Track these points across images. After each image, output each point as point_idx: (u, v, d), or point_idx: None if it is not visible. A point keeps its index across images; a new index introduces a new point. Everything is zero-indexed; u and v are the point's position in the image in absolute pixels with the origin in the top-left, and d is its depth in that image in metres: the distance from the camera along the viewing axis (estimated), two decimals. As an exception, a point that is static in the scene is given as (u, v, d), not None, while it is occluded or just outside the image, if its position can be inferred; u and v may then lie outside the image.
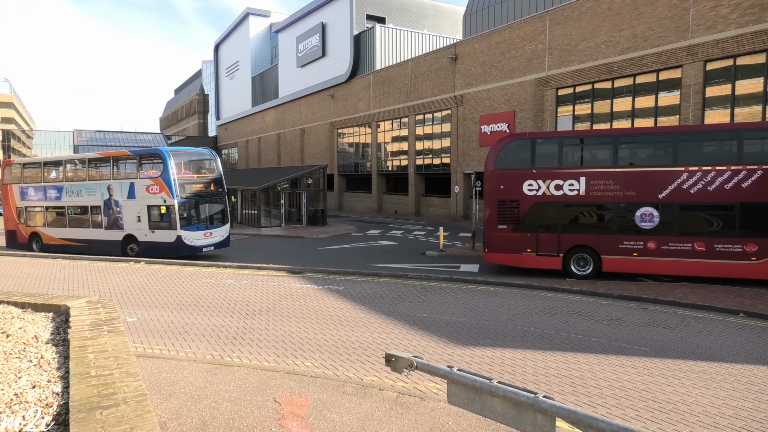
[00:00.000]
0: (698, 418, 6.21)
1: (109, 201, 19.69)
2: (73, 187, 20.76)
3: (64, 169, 21.54)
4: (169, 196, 18.26)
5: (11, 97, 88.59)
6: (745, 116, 19.90)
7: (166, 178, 18.31)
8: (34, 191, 21.92)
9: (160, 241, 18.71)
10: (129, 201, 19.21)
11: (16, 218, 22.44)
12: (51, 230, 21.49)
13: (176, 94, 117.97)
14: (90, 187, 20.29)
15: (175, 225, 18.32)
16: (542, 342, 9.14)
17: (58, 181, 21.50)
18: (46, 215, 21.67)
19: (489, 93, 30.67)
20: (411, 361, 4.20)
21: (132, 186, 19.11)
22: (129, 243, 19.49)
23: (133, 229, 19.26)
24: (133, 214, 19.16)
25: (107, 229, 19.91)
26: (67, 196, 20.84)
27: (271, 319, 10.62)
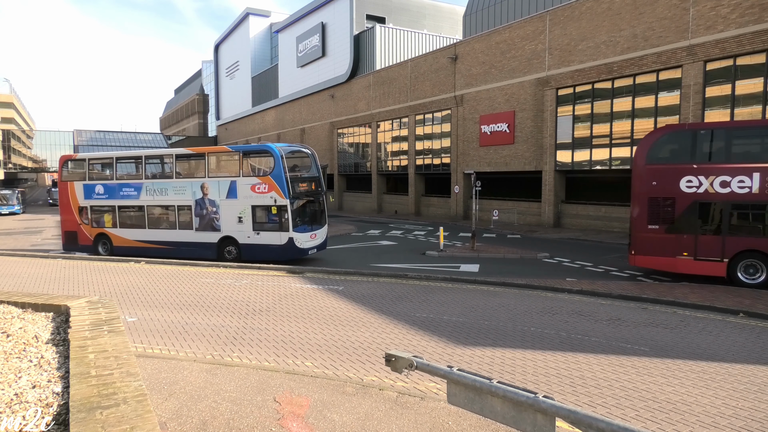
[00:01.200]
0: (698, 418, 6.21)
1: (203, 200, 18.21)
2: (155, 185, 19.10)
3: (144, 166, 19.88)
4: (281, 196, 16.90)
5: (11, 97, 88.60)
6: (745, 116, 19.90)
7: (278, 176, 16.92)
8: (103, 189, 20.02)
9: (266, 244, 17.39)
10: (228, 201, 17.78)
11: (78, 218, 20.47)
12: (124, 232, 19.80)
13: (176, 94, 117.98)
14: (178, 185, 18.70)
15: (287, 226, 17.01)
16: (542, 342, 9.14)
17: (136, 178, 19.85)
18: (117, 215, 19.83)
19: (489, 93, 30.67)
20: (411, 361, 4.21)
21: (233, 184, 17.65)
22: (226, 245, 18.15)
23: (233, 230, 17.88)
24: (232, 214, 17.77)
25: (199, 230, 18.44)
26: (148, 194, 19.17)
27: (271, 319, 10.62)
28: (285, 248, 17.20)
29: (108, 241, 20.11)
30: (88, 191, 20.27)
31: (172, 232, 18.95)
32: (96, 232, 20.30)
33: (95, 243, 20.32)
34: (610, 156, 24.52)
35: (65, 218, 20.93)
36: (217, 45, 78.14)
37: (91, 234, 20.37)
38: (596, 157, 25.23)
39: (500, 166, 30.26)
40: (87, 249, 20.45)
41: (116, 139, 63.80)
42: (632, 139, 23.51)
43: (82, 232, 20.55)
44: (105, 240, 20.20)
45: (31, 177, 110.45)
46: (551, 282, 14.16)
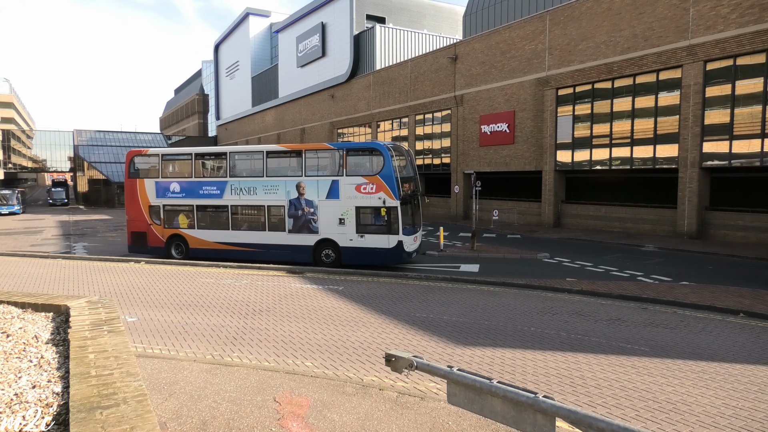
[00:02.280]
0: (698, 418, 6.21)
1: (298, 201, 17.09)
2: (242, 183, 17.86)
3: (229, 163, 18.39)
4: (391, 197, 15.93)
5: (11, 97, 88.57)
6: (745, 116, 19.90)
7: (388, 175, 15.95)
8: (179, 187, 18.68)
9: (371, 247, 16.36)
10: (329, 201, 16.70)
11: (148, 218, 19.06)
12: (203, 233, 18.52)
13: (176, 94, 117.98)
14: (269, 184, 17.48)
15: (396, 229, 16.01)
16: (542, 342, 9.14)
17: (219, 176, 18.62)
18: (195, 215, 18.53)
19: (489, 93, 30.67)
20: (411, 361, 4.21)
21: (334, 184, 16.59)
22: (324, 248, 17.03)
23: (332, 233, 16.80)
24: (333, 216, 16.71)
25: (293, 232, 17.29)
26: (233, 193, 17.95)
27: (271, 319, 10.62)
28: (392, 252, 16.25)
29: (183, 242, 18.83)
30: (162, 189, 18.92)
31: (260, 234, 17.79)
32: (169, 233, 18.94)
33: (168, 245, 18.98)
34: (610, 156, 24.52)
35: (132, 218, 19.42)
36: (217, 45, 78.14)
37: (163, 235, 19.02)
38: (596, 157, 25.23)
39: (500, 166, 30.26)
40: (157, 251, 19.12)
41: (116, 139, 63.68)
42: (632, 139, 23.52)
43: (153, 232, 19.13)
44: (179, 242, 18.89)
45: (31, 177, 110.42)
46: (551, 282, 14.16)
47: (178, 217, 18.86)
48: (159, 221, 19.01)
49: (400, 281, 14.83)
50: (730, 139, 20.31)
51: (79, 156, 60.26)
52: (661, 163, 22.72)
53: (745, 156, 20.04)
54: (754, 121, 19.64)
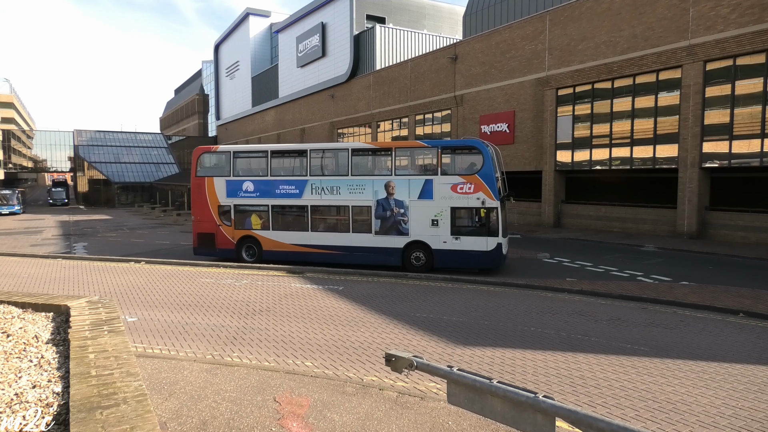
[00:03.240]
0: (698, 418, 6.21)
1: (386, 201, 16.22)
2: (324, 182, 16.91)
3: (310, 161, 17.35)
4: (491, 197, 15.19)
5: (11, 97, 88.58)
6: (745, 116, 19.91)
7: (488, 175, 15.22)
8: (252, 186, 17.72)
9: (467, 250, 15.53)
10: (421, 201, 15.89)
11: (217, 219, 18.04)
12: (278, 235, 17.56)
13: (176, 94, 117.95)
14: (355, 183, 16.58)
15: (495, 231, 15.29)
16: (542, 342, 9.14)
17: (298, 174, 17.50)
18: (270, 216, 17.57)
19: (489, 93, 30.67)
20: (411, 361, 4.21)
21: (428, 184, 15.81)
22: (414, 251, 16.14)
23: (424, 234, 15.92)
24: (425, 217, 15.86)
25: (380, 234, 16.38)
26: (314, 193, 17.01)
27: (271, 319, 10.62)
28: (491, 255, 15.44)
29: (255, 244, 17.89)
30: (233, 188, 17.88)
31: (343, 235, 16.85)
32: (240, 235, 17.95)
33: (238, 247, 18.02)
34: (610, 156, 24.53)
35: (199, 218, 18.35)
36: (217, 45, 78.13)
37: (233, 237, 18.01)
38: (596, 157, 25.23)
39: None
40: (226, 254, 18.10)
41: (116, 139, 63.70)
42: (632, 139, 23.53)
43: (222, 234, 18.09)
44: (251, 244, 17.94)
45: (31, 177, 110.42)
46: (551, 282, 14.17)
47: (250, 217, 17.93)
48: (229, 222, 18.02)
49: (400, 281, 14.83)
50: (730, 139, 20.32)
51: (79, 156, 60.28)
52: (661, 163, 22.73)
53: (745, 156, 20.05)
54: (754, 121, 19.64)
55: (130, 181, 57.88)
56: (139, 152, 63.05)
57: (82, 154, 59.20)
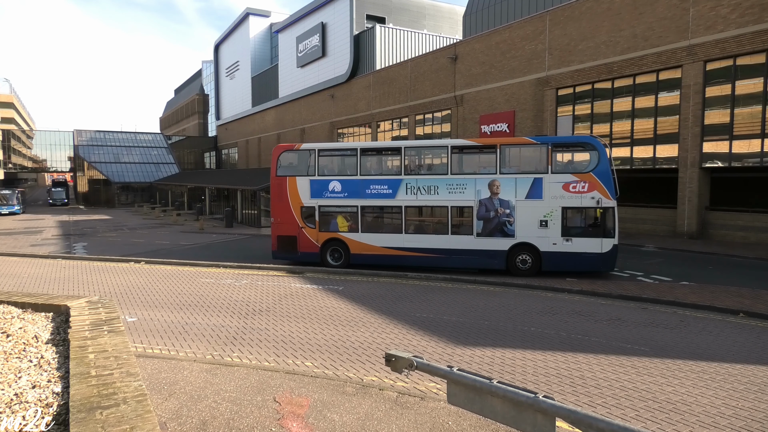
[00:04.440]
0: (698, 418, 6.21)
1: (490, 201, 15.43)
2: (421, 182, 16.05)
3: (404, 159, 16.46)
4: (607, 197, 14.54)
5: (11, 97, 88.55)
6: (745, 116, 19.91)
7: (604, 173, 14.58)
8: (340, 186, 16.79)
9: (580, 252, 14.82)
10: (528, 201, 15.12)
11: (300, 221, 17.09)
12: (368, 237, 16.62)
13: (176, 94, 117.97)
14: (455, 182, 15.74)
15: (612, 232, 14.62)
16: (542, 342, 9.14)
17: (391, 173, 16.64)
18: (360, 217, 16.66)
19: (489, 93, 30.67)
20: (411, 361, 4.21)
21: (537, 182, 15.05)
22: (519, 253, 15.38)
23: (531, 236, 15.17)
24: (533, 217, 15.11)
25: (482, 236, 15.57)
26: (409, 193, 16.13)
27: (271, 319, 10.62)
28: (606, 257, 14.75)
29: (342, 247, 16.92)
30: (318, 188, 16.93)
31: (441, 237, 16.00)
32: (326, 237, 17.00)
33: (323, 250, 17.04)
34: (610, 156, 24.49)
35: (279, 220, 17.35)
36: (217, 45, 78.13)
37: (317, 239, 17.04)
38: (596, 157, 25.21)
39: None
40: (309, 257, 17.18)
41: (116, 139, 63.68)
42: (632, 139, 23.53)
43: (305, 236, 17.11)
44: (338, 246, 16.97)
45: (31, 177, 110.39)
46: (551, 282, 14.17)
47: (336, 219, 17.02)
48: (313, 224, 17.05)
49: (400, 281, 14.83)
50: (730, 139, 20.32)
51: (79, 156, 60.27)
52: (661, 163, 22.73)
53: (745, 156, 20.05)
54: (754, 121, 19.65)
55: (130, 181, 57.88)
56: (139, 152, 63.05)
57: (82, 154, 59.20)
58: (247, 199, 33.66)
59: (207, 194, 42.36)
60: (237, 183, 36.49)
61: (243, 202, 34.54)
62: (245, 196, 33.95)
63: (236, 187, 35.11)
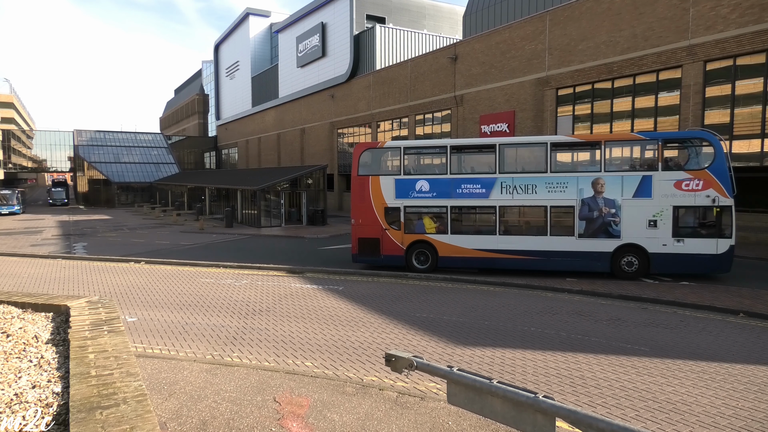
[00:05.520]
0: (698, 418, 6.21)
1: (594, 200, 14.73)
2: (517, 180, 15.32)
3: (499, 157, 15.54)
4: (724, 195, 13.82)
5: (11, 97, 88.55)
6: (745, 116, 19.91)
7: (720, 170, 13.85)
8: (428, 185, 16.03)
9: (693, 254, 14.12)
10: (636, 200, 14.40)
11: (383, 222, 16.31)
12: (459, 239, 15.85)
13: (176, 94, 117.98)
14: (554, 181, 15.03)
15: (729, 232, 13.92)
16: (542, 342, 9.14)
17: (485, 172, 15.88)
18: (449, 218, 15.88)
19: (489, 93, 30.67)
20: (411, 361, 4.20)
21: (646, 180, 14.33)
22: (625, 255, 14.69)
23: (639, 237, 14.45)
24: (640, 217, 14.41)
25: (584, 237, 14.88)
26: (504, 192, 15.40)
27: (271, 319, 10.62)
28: (722, 259, 14.06)
29: (430, 250, 16.13)
30: (404, 188, 16.18)
31: (539, 239, 15.29)
32: (411, 240, 16.21)
33: (408, 253, 16.26)
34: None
35: (361, 222, 16.55)
36: (217, 45, 78.13)
37: (403, 242, 16.25)
38: (596, 157, 25.22)
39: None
40: (393, 260, 16.39)
41: (116, 139, 63.65)
42: (632, 139, 23.50)
43: (389, 239, 16.32)
44: (424, 249, 16.17)
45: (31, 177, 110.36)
46: (551, 282, 14.18)
47: (423, 220, 16.30)
48: (398, 225, 16.28)
49: (400, 281, 14.83)
50: (730, 139, 20.32)
51: (79, 156, 60.25)
52: (661, 163, 22.70)
53: (745, 156, 20.05)
54: (754, 121, 19.65)
55: (130, 181, 57.87)
56: (139, 152, 63.05)
57: (82, 154, 59.19)
58: (247, 199, 33.65)
59: (207, 194, 42.35)
60: (237, 183, 36.49)
61: (243, 202, 34.53)
62: (245, 196, 33.94)
63: (236, 187, 35.11)
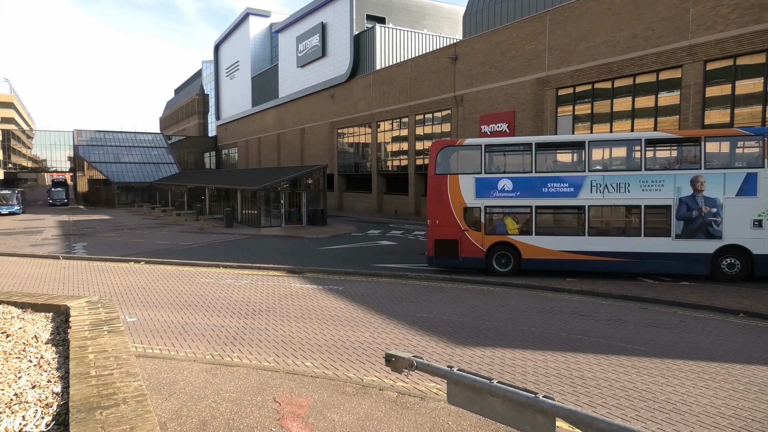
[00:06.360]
0: (698, 418, 6.21)
1: (692, 199, 14.14)
2: (608, 179, 14.77)
3: (588, 154, 15.08)
4: None
5: (11, 97, 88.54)
6: (745, 116, 19.90)
7: None
8: (511, 184, 15.49)
9: None
10: (739, 199, 13.81)
11: (462, 223, 15.73)
12: (544, 240, 15.27)
13: (176, 94, 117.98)
14: (649, 179, 14.43)
15: None
16: (542, 342, 9.14)
17: (573, 170, 15.48)
18: (534, 219, 15.32)
19: (489, 93, 30.67)
20: (411, 361, 4.20)
21: (751, 178, 13.75)
22: (726, 257, 14.09)
23: (742, 237, 13.89)
24: (744, 216, 13.84)
25: (681, 238, 14.28)
26: (594, 191, 14.84)
27: (271, 319, 10.62)
28: None
29: (512, 252, 15.54)
30: (485, 187, 15.61)
31: (632, 240, 14.67)
32: (492, 241, 15.62)
33: (489, 255, 15.68)
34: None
35: (438, 222, 15.94)
36: (217, 45, 78.13)
37: (483, 243, 15.64)
38: (596, 157, 25.22)
39: (500, 166, 30.25)
40: (473, 263, 15.85)
41: (116, 139, 63.63)
42: (632, 139, 23.51)
43: (468, 240, 15.72)
44: (506, 251, 15.59)
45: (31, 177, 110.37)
46: (551, 282, 14.17)
47: (505, 221, 15.77)
48: (478, 227, 15.68)
49: (400, 281, 14.83)
50: (730, 139, 20.31)
51: (79, 156, 60.23)
52: (661, 163, 22.71)
53: (745, 156, 20.03)
54: (754, 122, 19.64)
55: (130, 181, 57.85)
56: (139, 152, 63.03)
57: (82, 154, 59.18)
58: (247, 199, 33.65)
59: (207, 194, 42.34)
60: (237, 183, 36.48)
61: (243, 202, 34.53)
62: (245, 196, 33.94)
63: (236, 187, 35.10)
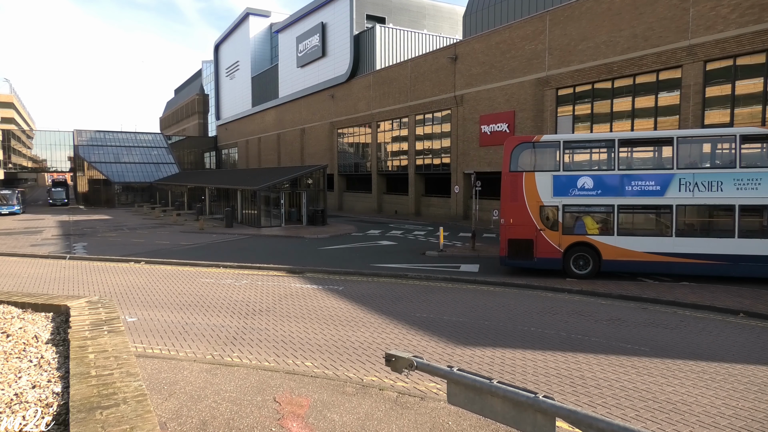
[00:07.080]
0: (698, 418, 6.21)
1: None
2: (699, 177, 14.07)
3: (677, 150, 14.29)
4: None
5: (11, 97, 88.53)
6: (745, 116, 19.90)
7: None
8: (591, 182, 14.85)
9: None
10: None
11: (538, 223, 15.20)
12: (626, 241, 14.63)
13: (176, 94, 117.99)
14: (745, 177, 13.70)
15: None
16: (542, 342, 9.14)
17: (659, 167, 14.80)
18: (616, 218, 14.72)
19: (489, 93, 30.66)
20: (411, 361, 4.20)
21: None
22: None
23: None
24: None
25: None
26: (682, 190, 14.13)
27: (271, 319, 10.62)
28: None
29: (591, 253, 14.93)
30: (563, 185, 15.03)
31: (725, 242, 13.93)
32: (570, 241, 15.06)
33: (566, 256, 15.11)
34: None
35: (513, 222, 15.43)
36: (217, 45, 78.13)
37: (560, 244, 15.10)
38: (596, 157, 25.21)
39: (500, 166, 30.20)
40: (549, 264, 15.30)
41: (116, 139, 63.61)
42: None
43: (543, 240, 15.19)
44: (585, 252, 15.00)
45: (31, 177, 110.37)
46: (551, 282, 14.17)
47: (584, 220, 15.21)
48: (555, 226, 15.16)
49: (400, 281, 14.83)
50: (730, 139, 20.32)
51: (79, 156, 60.22)
52: (661, 163, 22.70)
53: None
54: (754, 122, 19.64)
55: (130, 181, 57.84)
56: (139, 152, 63.02)
57: (82, 154, 59.17)
58: (247, 199, 33.64)
59: (207, 194, 42.34)
60: (237, 183, 36.47)
61: (243, 202, 34.52)
62: (245, 196, 33.93)
63: (236, 187, 35.10)
